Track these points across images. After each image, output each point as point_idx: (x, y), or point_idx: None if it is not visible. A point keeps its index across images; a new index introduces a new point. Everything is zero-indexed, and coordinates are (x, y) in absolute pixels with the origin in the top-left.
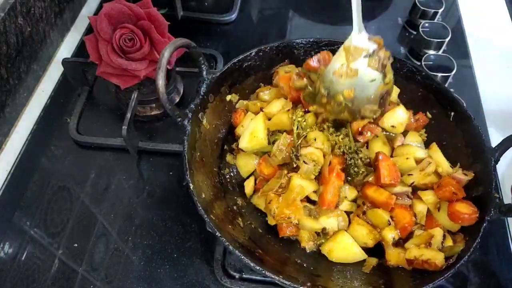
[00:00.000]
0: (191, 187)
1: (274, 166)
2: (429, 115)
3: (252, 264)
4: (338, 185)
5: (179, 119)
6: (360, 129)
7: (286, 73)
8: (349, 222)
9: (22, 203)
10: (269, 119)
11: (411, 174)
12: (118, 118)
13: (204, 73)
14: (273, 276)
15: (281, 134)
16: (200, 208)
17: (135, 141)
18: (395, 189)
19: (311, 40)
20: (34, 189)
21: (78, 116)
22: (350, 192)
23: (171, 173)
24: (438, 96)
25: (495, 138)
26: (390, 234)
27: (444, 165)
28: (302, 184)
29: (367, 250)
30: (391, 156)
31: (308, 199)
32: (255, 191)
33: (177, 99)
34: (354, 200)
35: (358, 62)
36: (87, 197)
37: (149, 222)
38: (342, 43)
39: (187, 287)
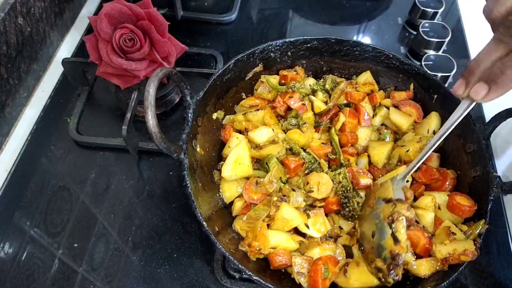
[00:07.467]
0: (205, 225)
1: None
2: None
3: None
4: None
5: (175, 155)
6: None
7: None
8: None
9: (22, 203)
10: (256, 146)
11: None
12: (118, 118)
13: (188, 97)
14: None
15: (273, 160)
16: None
17: (135, 141)
18: None
19: (286, 41)
20: (34, 189)
21: (78, 116)
22: (345, 224)
23: (171, 173)
24: (418, 80)
25: (496, 138)
26: (408, 253)
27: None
28: (288, 217)
29: None
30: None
31: (298, 232)
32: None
33: (177, 99)
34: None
35: (379, 200)
36: (87, 197)
37: (149, 222)
38: (318, 39)
39: (187, 287)
